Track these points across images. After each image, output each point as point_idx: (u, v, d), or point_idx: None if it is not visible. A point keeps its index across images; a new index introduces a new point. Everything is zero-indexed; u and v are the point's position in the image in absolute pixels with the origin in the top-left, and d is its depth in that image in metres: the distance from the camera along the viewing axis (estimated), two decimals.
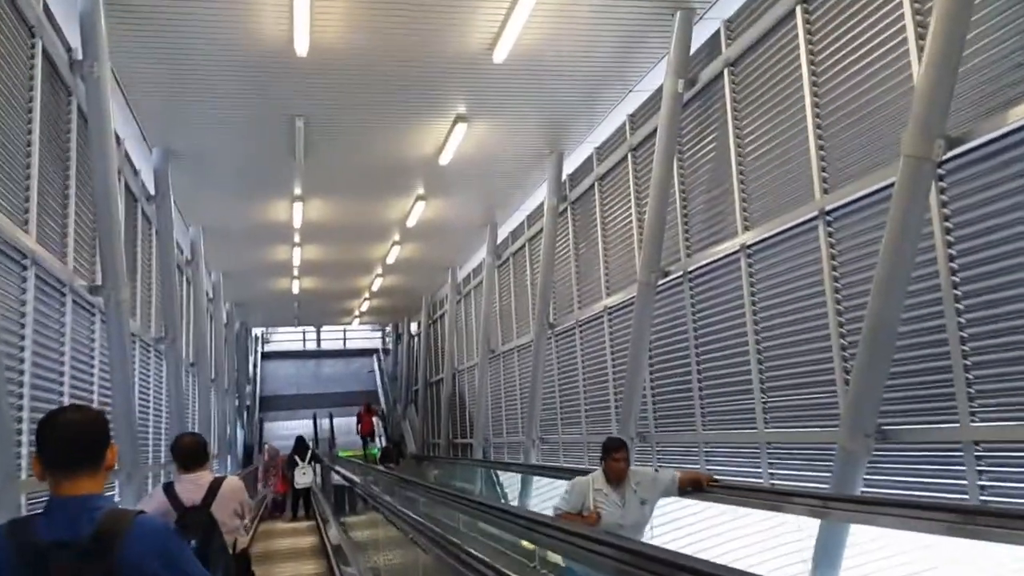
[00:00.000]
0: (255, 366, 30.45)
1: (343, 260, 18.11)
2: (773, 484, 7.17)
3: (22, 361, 5.97)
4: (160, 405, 11.79)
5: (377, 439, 23.15)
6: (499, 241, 15.85)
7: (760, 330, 7.61)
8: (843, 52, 6.29)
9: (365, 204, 14.02)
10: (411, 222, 14.53)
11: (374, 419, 23.20)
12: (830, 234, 6.53)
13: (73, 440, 2.15)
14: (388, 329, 32.33)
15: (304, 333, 33.97)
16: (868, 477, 5.84)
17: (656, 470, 6.87)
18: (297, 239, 15.69)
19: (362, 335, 34.47)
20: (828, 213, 6.51)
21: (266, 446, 21.38)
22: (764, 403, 7.52)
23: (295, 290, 20.41)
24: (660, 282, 9.14)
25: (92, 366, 8.10)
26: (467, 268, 18.99)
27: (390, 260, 17.68)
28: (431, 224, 14.99)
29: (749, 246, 7.75)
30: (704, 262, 8.52)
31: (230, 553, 4.54)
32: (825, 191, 6.53)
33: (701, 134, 8.67)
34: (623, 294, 10.36)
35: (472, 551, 2.55)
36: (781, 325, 7.30)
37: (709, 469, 8.20)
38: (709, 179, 8.54)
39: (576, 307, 12.07)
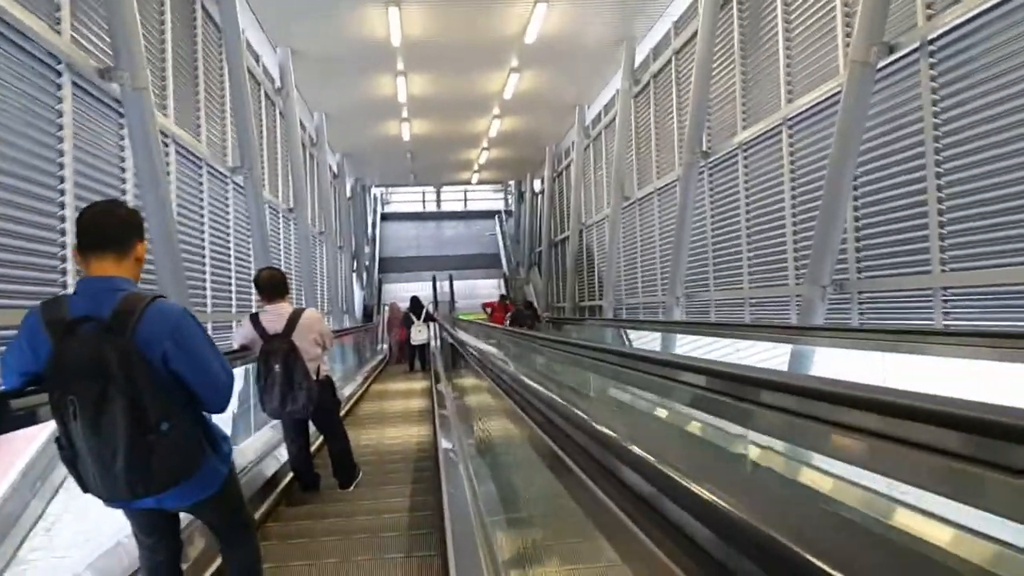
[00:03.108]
0: (374, 226, 29.28)
1: (455, 96, 15.77)
2: None
3: None
4: (247, 244, 10.23)
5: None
6: (637, 63, 13.08)
7: None
8: None
9: (471, 15, 11.53)
10: (529, 37, 11.97)
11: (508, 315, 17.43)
12: None
13: (100, 225, 2.34)
14: (511, 187, 30.26)
15: (424, 194, 32.38)
16: None
17: None
18: (400, 66, 13.49)
19: (483, 196, 32.53)
20: None
21: (390, 304, 21.06)
22: None
23: (406, 136, 18.40)
24: (881, 64, 6.40)
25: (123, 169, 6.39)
26: (597, 105, 16.32)
27: (507, 95, 15.24)
28: (553, 43, 12.39)
29: None
30: (960, 19, 5.67)
31: (313, 378, 4.77)
32: None
33: None
34: (814, 95, 7.64)
35: None
36: None
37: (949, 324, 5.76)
38: None
39: (740, 127, 9.39)
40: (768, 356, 5.97)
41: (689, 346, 7.43)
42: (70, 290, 5.21)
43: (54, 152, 5.29)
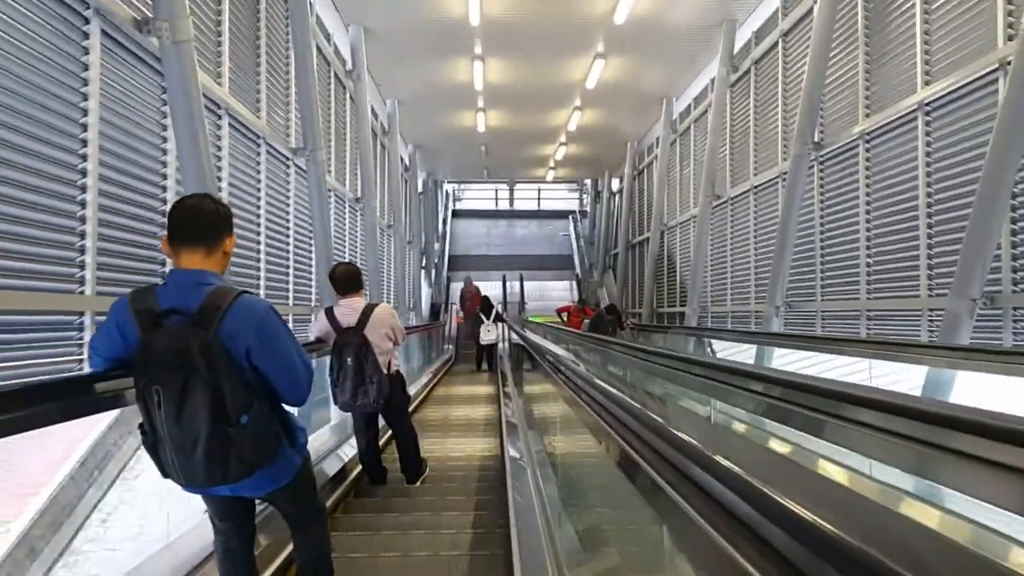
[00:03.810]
0: (444, 223, 28.64)
1: (534, 84, 14.82)
2: None
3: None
4: (307, 232, 9.53)
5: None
6: (736, 49, 11.93)
7: None
8: None
9: None
10: (619, 17, 10.97)
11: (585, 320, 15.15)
12: None
13: (193, 218, 2.40)
14: (587, 185, 29.21)
15: (496, 191, 31.64)
16: None
17: None
18: (478, 49, 12.66)
19: (557, 195, 31.58)
20: None
21: (465, 279, 20.95)
22: None
23: (481, 127, 17.58)
24: None
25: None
26: (687, 97, 15.19)
27: (590, 84, 14.24)
28: (644, 25, 11.39)
29: None
30: None
31: (384, 372, 4.81)
32: None
33: None
34: (961, 74, 6.46)
35: None
36: None
37: None
38: None
39: (862, 114, 8.20)
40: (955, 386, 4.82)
41: (825, 367, 6.12)
42: (87, 272, 4.54)
43: (78, 112, 4.57)
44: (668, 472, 1.15)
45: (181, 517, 3.26)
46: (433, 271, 24.97)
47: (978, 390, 4.59)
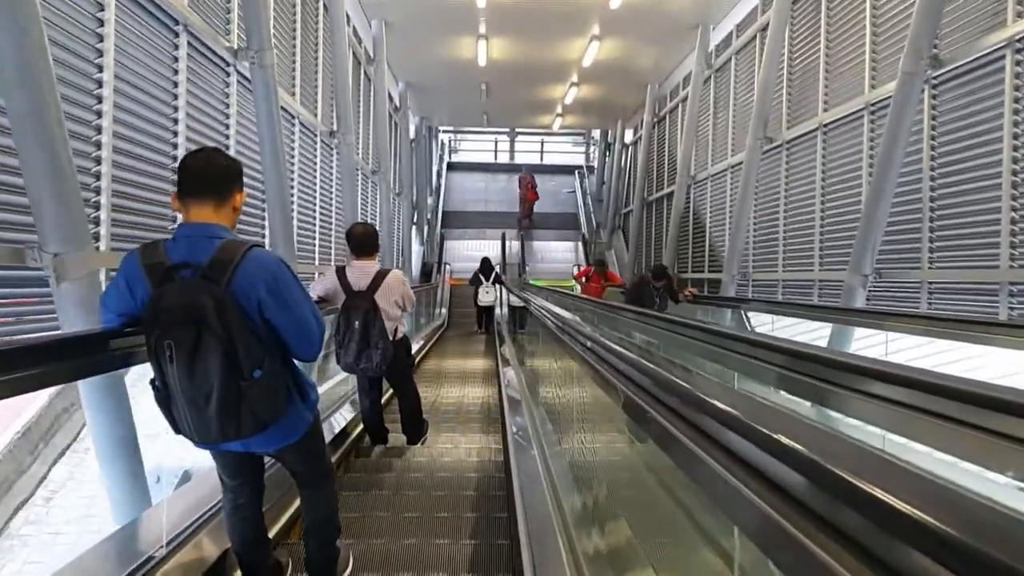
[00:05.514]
0: (439, 175, 26.28)
1: (546, 4, 12.40)
2: None
3: None
4: (255, 160, 7.29)
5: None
6: None
7: None
8: None
9: None
10: None
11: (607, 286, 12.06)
12: None
13: (202, 171, 2.32)
14: (594, 138, 26.83)
15: (496, 143, 29.21)
16: None
17: None
18: None
19: (562, 149, 29.19)
20: None
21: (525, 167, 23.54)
22: None
23: (482, 59, 15.15)
24: None
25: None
26: (728, 23, 12.82)
27: (614, 3, 11.86)
28: None
29: None
30: None
31: (389, 339, 4.72)
32: None
33: None
34: None
35: None
36: None
37: None
38: None
39: (1011, 16, 5.94)
40: None
41: None
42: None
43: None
44: None
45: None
46: (425, 227, 22.68)
47: None
